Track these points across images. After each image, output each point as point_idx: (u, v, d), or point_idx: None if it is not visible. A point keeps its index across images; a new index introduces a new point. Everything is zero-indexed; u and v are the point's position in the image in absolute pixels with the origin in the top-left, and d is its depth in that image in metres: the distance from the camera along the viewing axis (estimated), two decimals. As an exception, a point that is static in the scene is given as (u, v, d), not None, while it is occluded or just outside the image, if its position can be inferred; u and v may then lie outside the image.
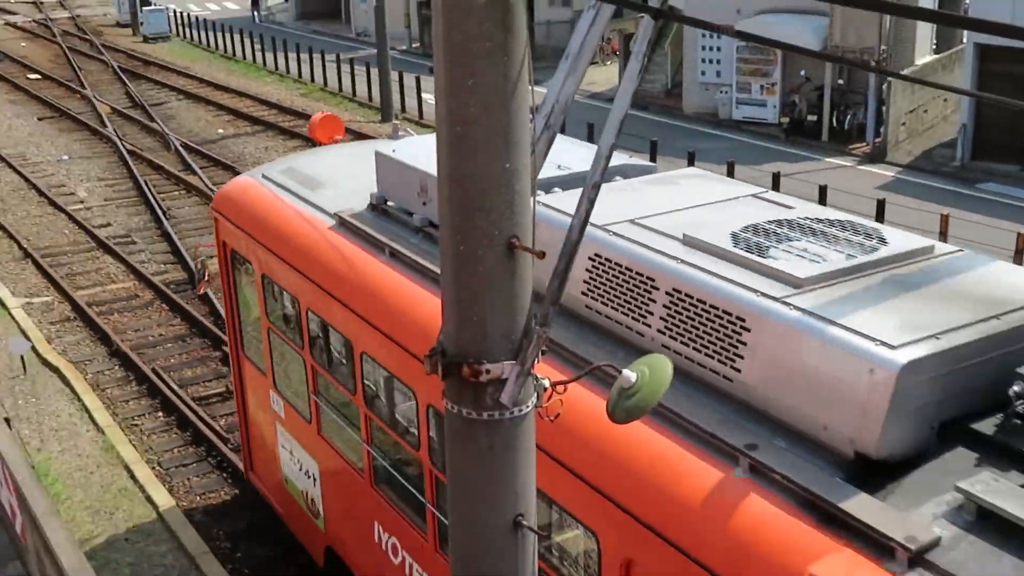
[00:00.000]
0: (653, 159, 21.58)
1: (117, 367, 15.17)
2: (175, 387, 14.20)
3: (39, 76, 36.49)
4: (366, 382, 8.11)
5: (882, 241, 5.97)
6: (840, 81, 26.70)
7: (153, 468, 12.55)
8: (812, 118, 26.41)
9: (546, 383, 3.90)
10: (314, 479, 9.34)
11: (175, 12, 46.23)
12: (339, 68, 34.04)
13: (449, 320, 3.77)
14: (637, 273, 6.04)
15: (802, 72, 26.59)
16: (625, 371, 3.82)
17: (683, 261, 5.91)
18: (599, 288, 6.29)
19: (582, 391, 5.26)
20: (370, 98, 31.67)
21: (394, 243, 7.90)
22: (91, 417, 13.56)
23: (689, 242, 6.13)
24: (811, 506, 4.68)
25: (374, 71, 30.88)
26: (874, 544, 4.41)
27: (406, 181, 8.10)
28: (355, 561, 9.01)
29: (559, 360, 6.00)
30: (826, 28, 25.44)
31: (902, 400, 4.77)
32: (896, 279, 5.60)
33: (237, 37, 41.02)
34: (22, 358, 14.85)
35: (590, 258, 6.31)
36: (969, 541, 4.38)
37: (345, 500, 8.94)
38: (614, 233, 6.38)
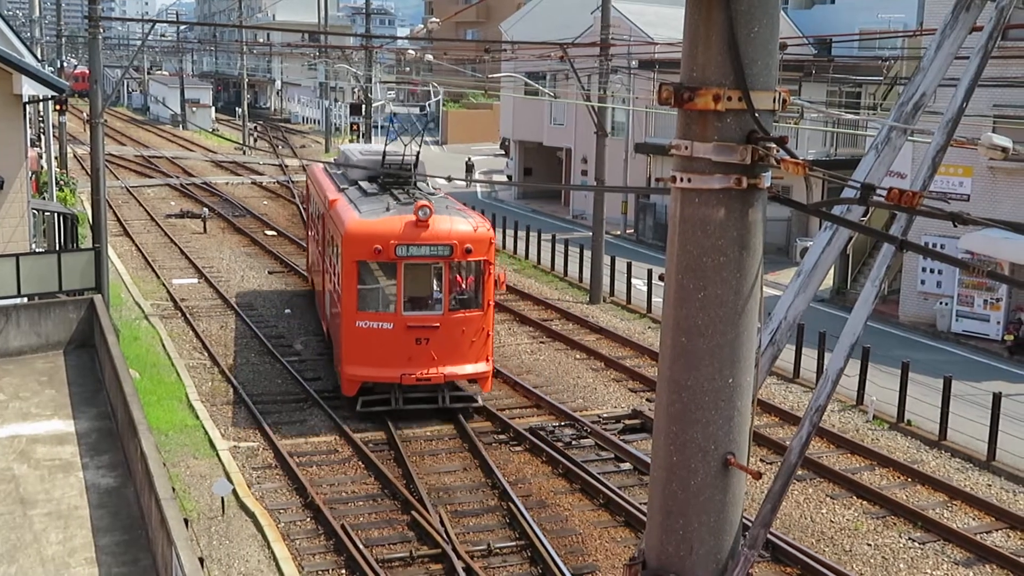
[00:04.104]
0: (864, 367, 20.88)
1: (309, 519, 15.48)
2: (360, 546, 14.34)
3: (275, 233, 39.07)
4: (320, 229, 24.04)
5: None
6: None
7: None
8: (1040, 338, 25.09)
9: (748, 607, 3.73)
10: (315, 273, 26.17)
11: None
12: (554, 247, 34.95)
13: (653, 530, 3.65)
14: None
15: (1031, 290, 25.45)
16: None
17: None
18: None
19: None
20: (580, 279, 32.23)
21: (335, 175, 24.48)
22: (278, 566, 13.81)
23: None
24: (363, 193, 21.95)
25: (587, 252, 31.55)
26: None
27: (344, 154, 26.12)
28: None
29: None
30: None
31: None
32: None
33: (459, 210, 42.89)
34: (222, 500, 15.38)
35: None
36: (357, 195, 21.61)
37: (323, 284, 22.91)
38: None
